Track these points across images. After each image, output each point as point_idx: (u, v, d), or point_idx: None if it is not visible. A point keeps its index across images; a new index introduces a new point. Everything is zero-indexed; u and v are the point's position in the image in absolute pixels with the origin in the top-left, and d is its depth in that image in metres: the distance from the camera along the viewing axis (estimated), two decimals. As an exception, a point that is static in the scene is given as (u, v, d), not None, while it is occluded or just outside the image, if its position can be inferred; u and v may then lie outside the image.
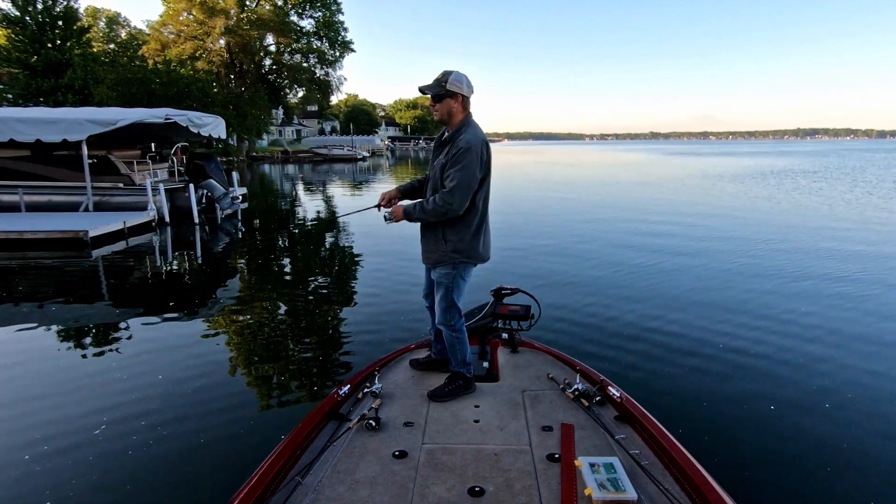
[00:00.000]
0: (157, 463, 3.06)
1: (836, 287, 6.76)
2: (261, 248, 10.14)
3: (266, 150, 53.34)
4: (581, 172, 31.89)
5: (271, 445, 2.26)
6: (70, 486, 2.85)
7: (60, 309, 6.11)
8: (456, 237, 2.72)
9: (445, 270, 2.78)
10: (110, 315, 5.94)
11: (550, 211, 14.63)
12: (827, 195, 17.81)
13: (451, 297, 2.81)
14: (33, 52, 29.02)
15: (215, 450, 3.19)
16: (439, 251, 2.77)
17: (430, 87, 2.66)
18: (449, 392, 2.78)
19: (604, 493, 1.91)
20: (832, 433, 3.38)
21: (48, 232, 9.28)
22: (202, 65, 40.56)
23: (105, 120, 11.14)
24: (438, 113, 2.70)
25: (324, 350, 4.89)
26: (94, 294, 6.88)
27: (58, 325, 5.55)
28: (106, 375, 4.31)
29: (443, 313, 2.85)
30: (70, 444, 3.26)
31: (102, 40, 52.41)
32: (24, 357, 4.80)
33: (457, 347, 2.87)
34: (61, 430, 3.45)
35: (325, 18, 46.09)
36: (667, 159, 50.44)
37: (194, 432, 3.38)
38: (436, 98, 2.66)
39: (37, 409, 3.76)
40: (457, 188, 2.56)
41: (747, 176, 26.94)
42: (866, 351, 4.73)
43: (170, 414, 3.63)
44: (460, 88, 2.63)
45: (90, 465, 3.05)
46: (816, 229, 11.21)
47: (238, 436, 3.35)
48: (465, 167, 2.56)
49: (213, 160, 13.12)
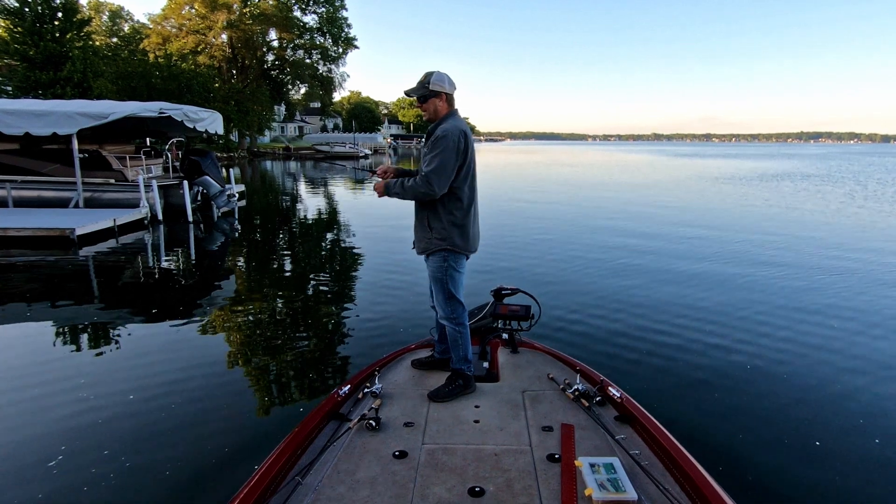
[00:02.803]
0: (156, 463, 3.02)
1: (840, 289, 6.71)
2: (258, 246, 9.89)
3: (268, 147, 53.00)
4: (581, 173, 31.63)
5: (271, 445, 2.25)
6: (68, 487, 2.81)
7: (39, 310, 5.82)
8: (439, 225, 2.79)
9: (436, 262, 2.84)
10: (96, 316, 5.72)
11: (551, 211, 14.47)
12: (835, 198, 17.51)
13: (447, 288, 2.85)
14: (32, 44, 28.60)
15: (215, 450, 3.15)
16: (425, 239, 2.85)
17: (414, 89, 2.79)
18: (449, 392, 2.78)
19: (604, 493, 1.91)
20: (833, 433, 3.37)
21: (33, 229, 8.87)
22: (204, 59, 40.21)
23: (96, 113, 10.71)
24: (426, 113, 2.83)
25: (324, 350, 4.85)
26: (78, 295, 6.56)
27: (39, 327, 5.34)
28: (97, 377, 4.20)
29: (442, 306, 2.89)
30: (69, 445, 3.21)
31: (105, 34, 52.03)
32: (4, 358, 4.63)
33: (459, 342, 2.89)
34: (59, 430, 3.38)
35: (328, 14, 45.70)
36: (670, 161, 49.98)
37: (194, 433, 3.34)
38: (421, 99, 2.80)
39: (33, 409, 3.67)
40: (432, 172, 2.64)
41: (754, 178, 26.73)
42: (868, 351, 4.74)
43: (168, 415, 3.57)
44: (443, 87, 2.75)
45: (88, 465, 3.01)
46: (823, 234, 10.95)
47: (238, 436, 3.32)
48: (442, 152, 2.64)
49: (209, 156, 12.67)
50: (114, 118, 10.66)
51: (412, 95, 2.81)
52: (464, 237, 2.82)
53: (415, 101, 2.84)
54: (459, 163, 2.69)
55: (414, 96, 2.81)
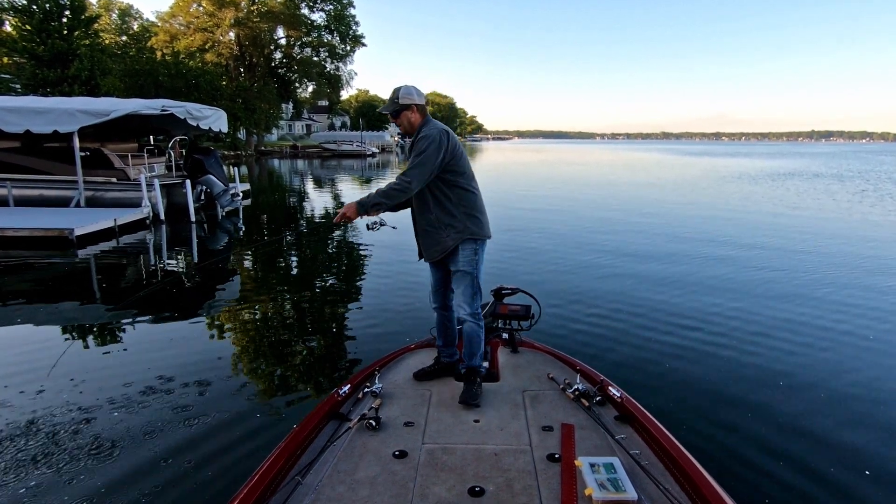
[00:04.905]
0: (155, 464, 2.98)
1: (844, 291, 6.55)
2: (260, 246, 9.71)
3: (275, 145, 52.90)
4: (585, 171, 31.31)
5: (271, 445, 2.24)
6: (68, 488, 2.79)
7: (30, 311, 5.72)
8: (454, 220, 2.81)
9: (466, 254, 2.82)
10: (88, 317, 5.67)
11: (551, 210, 14.37)
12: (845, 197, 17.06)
13: (476, 281, 2.86)
14: (40, 42, 28.58)
15: (215, 450, 3.12)
16: (445, 238, 2.83)
17: (386, 107, 2.87)
18: (477, 392, 2.74)
19: (604, 493, 1.90)
20: (833, 433, 3.34)
21: (31, 229, 8.66)
22: (211, 57, 40.14)
23: (98, 111, 10.51)
24: (401, 127, 2.88)
25: (324, 350, 4.85)
26: (73, 295, 6.47)
27: (27, 328, 5.26)
28: (90, 377, 4.16)
29: (469, 302, 2.84)
30: (68, 445, 3.18)
31: (115, 32, 52.18)
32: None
33: (480, 338, 2.88)
34: (58, 431, 3.34)
35: (336, 12, 45.53)
36: (679, 159, 49.38)
37: (193, 433, 3.31)
38: (394, 115, 2.86)
39: (29, 410, 3.63)
40: (413, 167, 2.68)
41: (762, 177, 26.23)
42: (870, 352, 4.68)
43: (167, 415, 3.53)
44: (412, 99, 2.81)
45: (87, 465, 2.99)
46: (831, 235, 10.58)
47: (238, 436, 3.29)
48: (425, 150, 2.68)
49: (212, 155, 12.45)
50: (115, 115, 10.45)
51: (386, 112, 2.87)
52: (481, 224, 2.89)
53: (390, 118, 2.90)
54: (449, 158, 2.75)
55: (387, 112, 2.86)
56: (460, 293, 2.88)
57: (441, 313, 3.07)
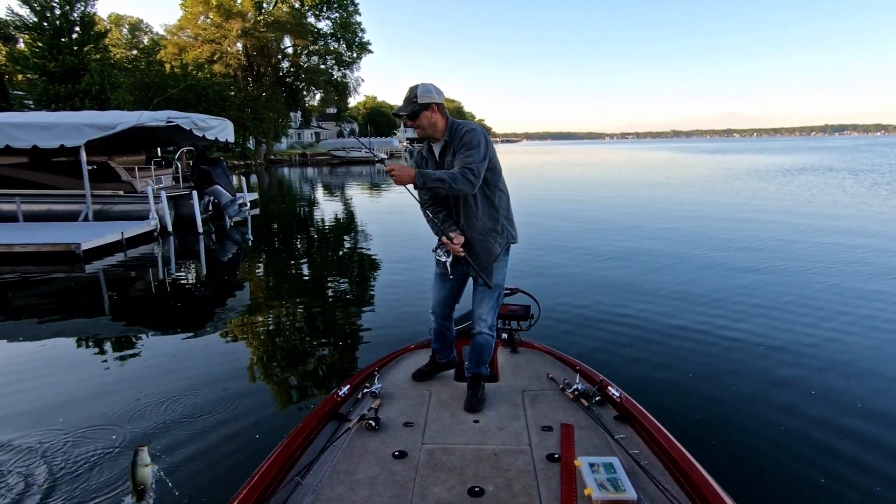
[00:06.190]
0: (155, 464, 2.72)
1: (845, 292, 6.35)
2: (268, 255, 9.68)
3: (284, 153, 53.13)
4: (593, 172, 31.05)
5: (271, 445, 2.25)
6: (68, 488, 2.82)
7: (35, 328, 5.65)
8: (499, 226, 2.69)
9: (503, 266, 2.73)
10: (95, 329, 5.69)
11: (552, 210, 14.35)
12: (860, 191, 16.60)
13: (501, 293, 2.78)
14: (51, 58, 28.89)
15: (215, 450, 3.13)
16: (496, 246, 2.68)
17: (403, 108, 2.59)
18: (482, 397, 2.71)
19: (603, 493, 1.90)
20: (834, 433, 3.30)
21: (38, 245, 8.61)
22: (219, 68, 40.41)
23: (104, 124, 10.47)
24: (420, 129, 2.63)
25: (323, 350, 4.87)
26: (81, 310, 6.48)
27: (33, 345, 5.22)
28: (95, 382, 4.21)
29: (492, 315, 2.73)
30: (67, 446, 3.21)
31: (125, 46, 52.80)
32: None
33: (492, 348, 2.81)
34: (57, 432, 3.38)
35: (341, 20, 45.63)
36: (690, 157, 48.83)
37: (193, 433, 3.32)
38: (412, 116, 2.59)
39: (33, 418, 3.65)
40: (476, 164, 2.48)
41: (776, 172, 25.69)
42: (872, 352, 4.58)
43: (167, 416, 3.54)
44: (431, 97, 2.58)
45: (88, 464, 3.02)
46: (839, 232, 10.23)
47: (237, 436, 3.29)
48: (479, 145, 2.52)
49: (219, 165, 12.38)
50: (121, 128, 10.40)
51: (402, 114, 2.61)
52: (515, 228, 2.80)
53: (405, 120, 2.65)
54: (492, 153, 2.63)
55: (404, 114, 2.61)
56: (487, 308, 2.71)
57: (442, 324, 2.94)
